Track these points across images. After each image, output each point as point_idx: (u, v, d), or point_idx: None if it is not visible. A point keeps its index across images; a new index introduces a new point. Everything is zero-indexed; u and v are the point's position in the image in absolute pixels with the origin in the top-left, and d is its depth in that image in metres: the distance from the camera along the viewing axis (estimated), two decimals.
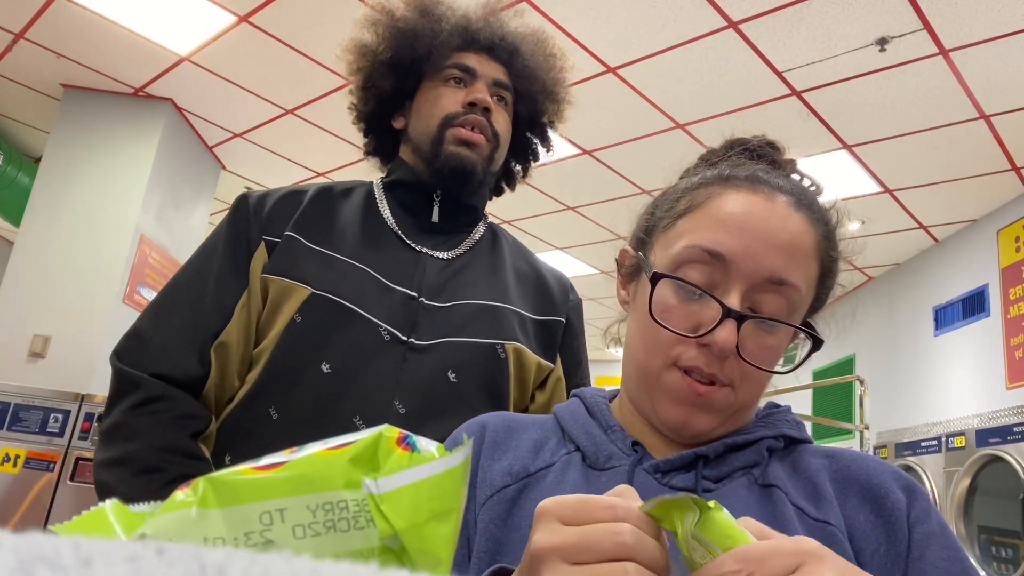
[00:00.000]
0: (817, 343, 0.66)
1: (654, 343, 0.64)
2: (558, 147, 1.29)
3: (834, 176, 4.14)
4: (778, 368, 0.66)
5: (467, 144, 1.08)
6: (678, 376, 0.63)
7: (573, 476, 0.64)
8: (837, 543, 0.57)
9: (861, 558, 0.58)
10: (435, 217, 1.12)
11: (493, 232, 1.21)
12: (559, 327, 1.16)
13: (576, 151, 4.26)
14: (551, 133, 1.27)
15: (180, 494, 0.30)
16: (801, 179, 0.70)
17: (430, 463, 0.33)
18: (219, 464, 0.98)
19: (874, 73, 3.30)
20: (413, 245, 1.10)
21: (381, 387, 0.98)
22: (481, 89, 1.11)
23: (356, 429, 0.98)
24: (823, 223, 0.67)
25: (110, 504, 0.30)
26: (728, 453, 0.64)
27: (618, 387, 0.75)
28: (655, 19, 3.14)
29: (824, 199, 0.70)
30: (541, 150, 1.27)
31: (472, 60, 1.13)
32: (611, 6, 3.10)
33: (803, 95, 3.53)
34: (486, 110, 1.10)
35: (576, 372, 1.17)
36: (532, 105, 1.19)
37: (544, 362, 1.12)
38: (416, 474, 0.32)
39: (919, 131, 3.69)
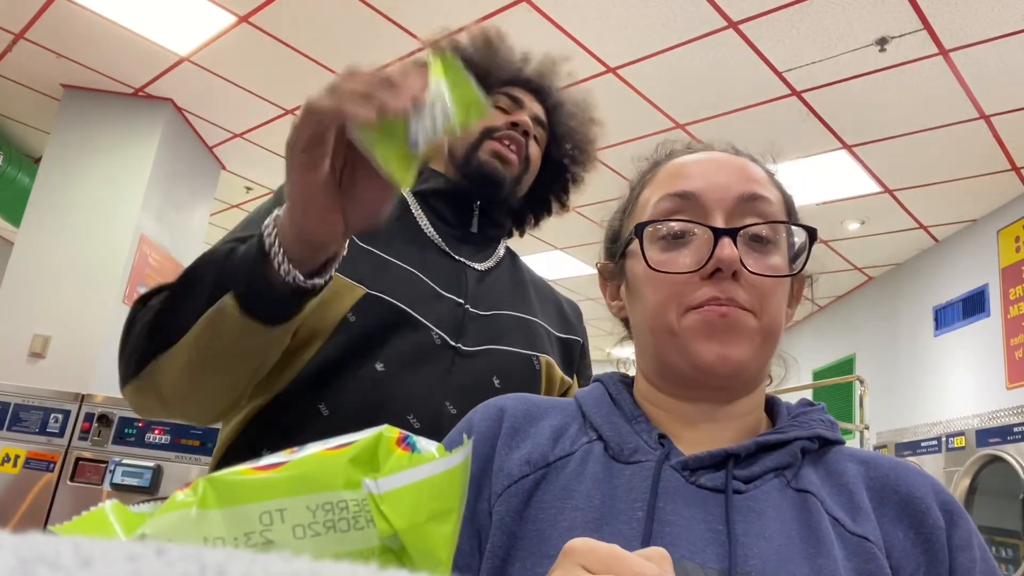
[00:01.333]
0: (812, 233, 0.67)
1: (662, 298, 0.64)
2: None
3: (834, 176, 4.14)
4: (792, 313, 0.69)
5: (500, 158, 1.12)
6: (696, 314, 0.62)
7: (594, 468, 0.62)
8: (875, 561, 0.55)
9: None
10: (475, 227, 1.15)
11: (510, 251, 1.25)
12: (577, 347, 1.21)
13: None
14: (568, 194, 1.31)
15: (180, 494, 0.30)
16: None
17: (430, 463, 0.33)
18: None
19: (874, 73, 3.30)
20: (453, 254, 1.13)
21: (432, 388, 1.00)
22: (525, 116, 1.16)
23: (411, 427, 0.98)
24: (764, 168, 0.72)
25: (110, 504, 0.30)
26: (760, 453, 0.62)
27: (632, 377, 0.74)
28: (655, 19, 3.14)
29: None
30: (556, 206, 1.31)
31: (521, 94, 1.18)
32: (611, 6, 3.10)
33: (803, 95, 3.53)
34: (526, 133, 1.14)
35: None
36: (561, 156, 1.23)
37: (566, 377, 1.16)
38: (416, 474, 0.32)
39: (919, 131, 3.69)
